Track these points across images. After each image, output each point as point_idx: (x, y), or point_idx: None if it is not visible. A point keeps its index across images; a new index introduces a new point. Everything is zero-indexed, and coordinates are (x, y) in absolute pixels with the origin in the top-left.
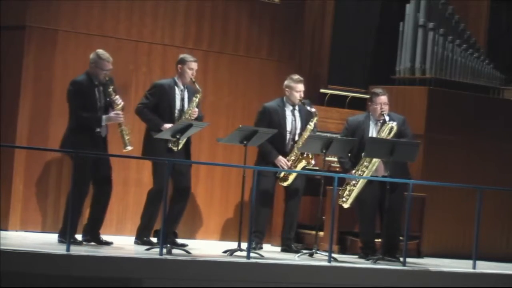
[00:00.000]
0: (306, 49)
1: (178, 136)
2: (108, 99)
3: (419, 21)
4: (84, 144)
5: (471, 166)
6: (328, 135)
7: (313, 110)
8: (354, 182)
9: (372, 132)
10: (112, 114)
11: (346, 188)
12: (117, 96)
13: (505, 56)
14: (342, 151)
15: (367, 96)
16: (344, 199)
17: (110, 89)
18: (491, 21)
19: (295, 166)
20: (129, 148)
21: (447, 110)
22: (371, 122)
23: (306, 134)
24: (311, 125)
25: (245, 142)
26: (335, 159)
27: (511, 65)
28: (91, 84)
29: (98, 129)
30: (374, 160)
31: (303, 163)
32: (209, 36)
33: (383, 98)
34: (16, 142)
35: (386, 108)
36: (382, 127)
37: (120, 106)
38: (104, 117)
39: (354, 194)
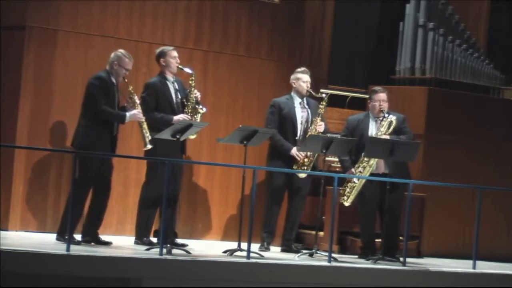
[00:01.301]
0: (306, 49)
1: (178, 136)
2: (128, 98)
3: (419, 21)
4: (101, 141)
5: (471, 166)
6: (328, 135)
7: (323, 95)
8: (354, 180)
9: (372, 130)
10: (135, 111)
11: (347, 186)
12: (137, 96)
13: (505, 56)
14: (342, 151)
15: (367, 96)
16: (345, 197)
17: (130, 88)
18: (491, 21)
19: (309, 163)
20: (149, 146)
21: (447, 110)
22: (370, 120)
23: (318, 119)
24: (321, 108)
25: (245, 142)
26: (335, 159)
27: (511, 65)
28: (111, 83)
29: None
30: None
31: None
32: (209, 36)
33: (382, 95)
34: (16, 142)
35: (385, 105)
36: (382, 121)
37: (140, 106)
38: (128, 114)
39: (355, 192)
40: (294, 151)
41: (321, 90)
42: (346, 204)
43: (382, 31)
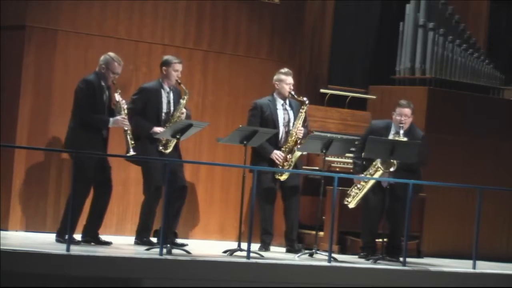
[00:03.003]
0: (306, 49)
1: (178, 136)
2: (116, 102)
3: (419, 21)
4: (88, 143)
5: (471, 166)
6: (328, 135)
7: (304, 98)
8: (360, 184)
9: None
10: (119, 118)
11: (354, 188)
12: (124, 101)
13: (505, 56)
14: (342, 152)
15: (367, 96)
16: (349, 199)
17: (118, 92)
18: (491, 21)
19: (292, 158)
20: (132, 152)
21: (447, 110)
22: (391, 130)
23: (298, 123)
24: (302, 113)
25: (245, 142)
26: (335, 159)
27: (511, 65)
28: (100, 85)
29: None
30: (380, 172)
31: (297, 153)
32: (209, 36)
33: (405, 111)
34: (16, 142)
35: (406, 120)
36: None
37: (125, 111)
38: (111, 120)
39: (359, 197)
40: (273, 154)
41: (304, 98)
42: (350, 206)
43: (382, 31)
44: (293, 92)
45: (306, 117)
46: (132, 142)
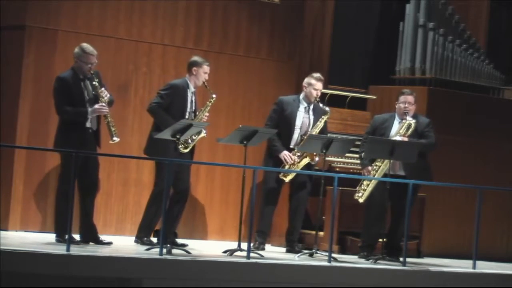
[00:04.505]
0: (306, 49)
1: (178, 136)
2: (94, 92)
3: (419, 21)
4: (74, 141)
5: (471, 166)
6: (328, 135)
7: (326, 108)
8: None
9: (394, 130)
10: (96, 106)
11: (363, 183)
12: (103, 89)
13: (505, 56)
14: (342, 151)
15: (367, 96)
16: (360, 194)
17: (95, 82)
18: (491, 21)
19: (299, 162)
20: (116, 139)
21: (447, 110)
22: (395, 121)
23: (314, 131)
24: (321, 122)
25: (245, 142)
26: (335, 159)
27: (511, 65)
28: (76, 79)
29: (88, 124)
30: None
31: (306, 159)
32: (209, 36)
33: (409, 98)
34: (16, 142)
35: (410, 107)
36: (401, 123)
37: (105, 98)
38: (89, 110)
39: (369, 189)
40: (282, 154)
41: (326, 108)
42: (361, 200)
43: (382, 31)
44: (318, 99)
45: (325, 127)
46: (114, 129)
